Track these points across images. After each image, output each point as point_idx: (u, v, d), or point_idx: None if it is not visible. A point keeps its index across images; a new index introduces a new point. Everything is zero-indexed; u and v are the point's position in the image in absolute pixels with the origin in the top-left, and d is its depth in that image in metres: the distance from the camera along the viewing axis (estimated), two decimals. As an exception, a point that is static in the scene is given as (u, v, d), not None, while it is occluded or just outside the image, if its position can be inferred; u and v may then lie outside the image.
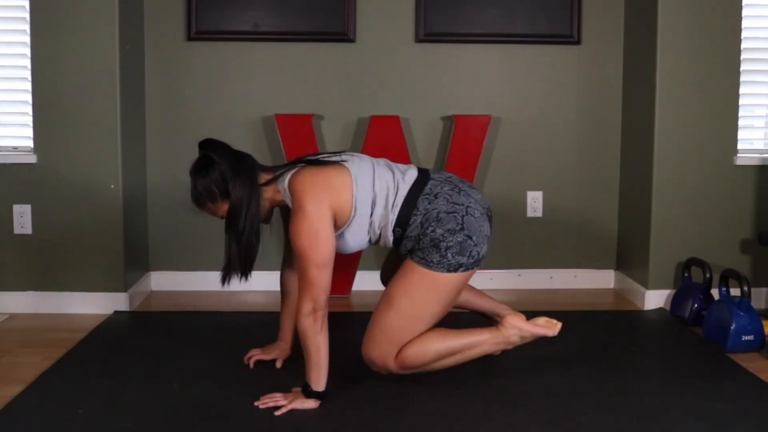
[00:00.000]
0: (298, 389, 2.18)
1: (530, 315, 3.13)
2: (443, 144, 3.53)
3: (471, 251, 2.17)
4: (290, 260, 2.43)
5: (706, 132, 3.19)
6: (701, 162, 3.20)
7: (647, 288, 3.25)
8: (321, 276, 2.06)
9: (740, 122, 3.23)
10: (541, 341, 2.36)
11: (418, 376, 2.36)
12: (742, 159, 3.22)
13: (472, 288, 2.59)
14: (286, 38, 3.46)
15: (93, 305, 3.14)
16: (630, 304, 3.36)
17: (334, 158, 2.21)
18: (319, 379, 2.13)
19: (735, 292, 2.81)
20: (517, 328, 2.29)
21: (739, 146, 3.25)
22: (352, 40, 3.47)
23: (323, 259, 2.06)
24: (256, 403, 2.15)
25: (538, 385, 2.34)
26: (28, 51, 3.09)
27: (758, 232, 3.14)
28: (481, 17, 3.48)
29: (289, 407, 2.11)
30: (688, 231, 3.22)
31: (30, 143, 3.16)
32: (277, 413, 2.09)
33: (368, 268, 3.44)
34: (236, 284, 2.22)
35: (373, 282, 2.94)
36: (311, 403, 2.14)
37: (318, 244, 2.05)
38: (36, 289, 3.17)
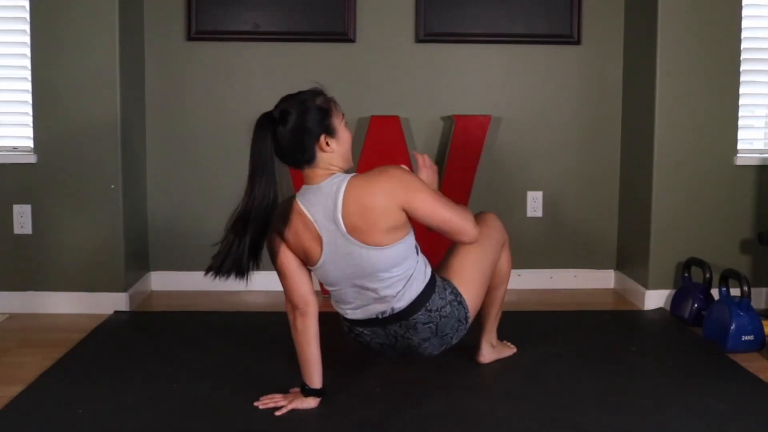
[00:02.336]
0: (297, 390, 2.18)
1: (530, 315, 3.15)
2: (443, 144, 3.53)
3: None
4: None
5: (706, 132, 3.19)
6: (701, 162, 3.20)
7: (647, 288, 3.24)
8: (283, 282, 2.13)
9: (740, 122, 3.23)
10: (542, 340, 2.34)
11: (418, 376, 2.36)
12: (742, 159, 3.22)
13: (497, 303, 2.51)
14: (286, 38, 3.46)
15: (93, 305, 3.14)
16: (630, 304, 3.36)
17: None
18: (309, 377, 2.15)
19: (735, 292, 2.81)
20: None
21: (739, 146, 3.25)
22: (352, 40, 3.47)
23: (278, 270, 2.12)
24: (255, 404, 2.15)
25: (538, 385, 2.34)
26: (28, 51, 3.09)
27: (758, 232, 3.14)
28: (481, 17, 3.48)
29: (289, 407, 2.12)
30: (688, 231, 3.22)
31: (30, 143, 3.16)
32: (278, 413, 2.10)
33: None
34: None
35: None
36: (311, 402, 2.14)
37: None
38: (36, 289, 3.17)
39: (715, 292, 3.01)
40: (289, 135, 2.00)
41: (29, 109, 3.13)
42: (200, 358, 2.57)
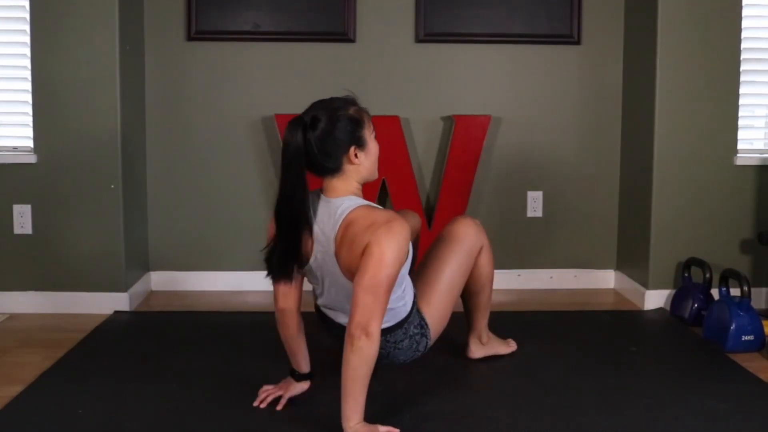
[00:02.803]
0: (288, 379, 2.22)
1: (530, 315, 3.14)
2: (443, 144, 3.53)
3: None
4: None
5: (706, 132, 3.19)
6: (701, 162, 3.20)
7: (647, 288, 3.24)
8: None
9: (740, 122, 3.23)
10: (542, 340, 2.34)
11: (418, 376, 2.36)
12: (742, 159, 3.22)
13: (484, 300, 2.51)
14: (286, 38, 3.46)
15: (93, 305, 3.14)
16: (630, 304, 3.36)
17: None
18: (296, 364, 2.20)
19: (735, 292, 2.81)
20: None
21: (739, 146, 3.25)
22: (352, 40, 3.47)
23: None
24: (255, 404, 2.15)
25: (538, 385, 2.34)
26: (28, 51, 3.09)
27: (758, 232, 3.14)
28: (481, 17, 3.48)
29: (287, 396, 2.15)
30: (688, 231, 3.22)
31: (30, 143, 3.16)
32: (278, 407, 2.12)
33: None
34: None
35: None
36: (303, 386, 2.20)
37: None
38: (36, 289, 3.17)
39: (715, 292, 3.01)
40: (318, 142, 1.95)
41: (29, 109, 3.13)
42: (200, 358, 2.57)
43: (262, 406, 2.14)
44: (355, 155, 1.99)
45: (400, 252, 1.90)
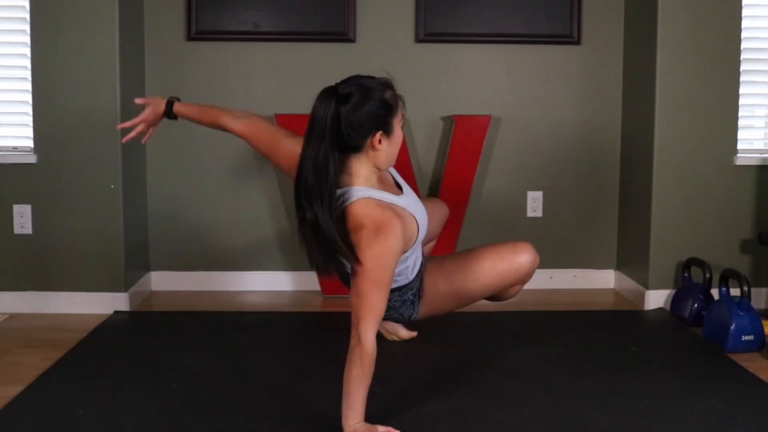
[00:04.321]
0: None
1: (530, 315, 3.14)
2: (443, 144, 3.53)
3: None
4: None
5: (706, 132, 3.19)
6: (701, 162, 3.20)
7: (647, 288, 3.24)
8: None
9: (740, 122, 3.23)
10: (542, 340, 2.33)
11: (418, 376, 2.36)
12: (742, 159, 3.22)
13: None
14: (286, 38, 3.46)
15: (93, 305, 3.14)
16: (630, 304, 3.36)
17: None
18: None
19: (735, 292, 2.81)
20: None
21: (739, 146, 3.25)
22: (352, 40, 3.47)
23: None
24: (124, 140, 2.32)
25: (538, 385, 2.34)
26: (28, 51, 3.09)
27: (758, 232, 3.14)
28: (481, 17, 3.48)
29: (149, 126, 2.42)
30: (688, 231, 3.22)
31: (30, 143, 3.16)
32: (144, 141, 2.34)
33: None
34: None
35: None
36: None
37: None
38: (36, 289, 3.17)
39: (715, 292, 3.01)
40: (347, 118, 1.89)
41: (29, 109, 3.13)
42: (200, 357, 2.57)
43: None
44: (379, 141, 1.96)
45: (384, 258, 1.89)
